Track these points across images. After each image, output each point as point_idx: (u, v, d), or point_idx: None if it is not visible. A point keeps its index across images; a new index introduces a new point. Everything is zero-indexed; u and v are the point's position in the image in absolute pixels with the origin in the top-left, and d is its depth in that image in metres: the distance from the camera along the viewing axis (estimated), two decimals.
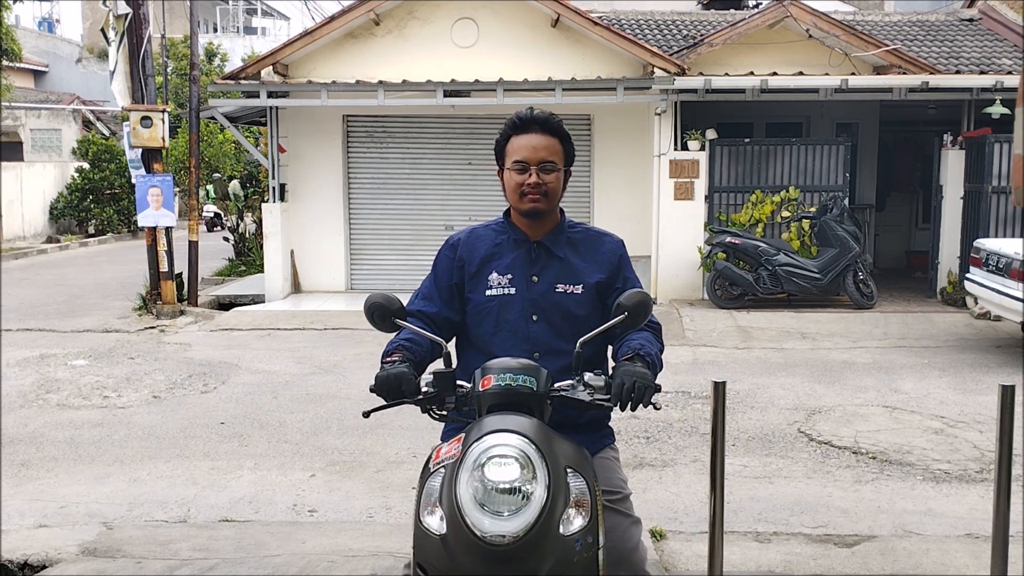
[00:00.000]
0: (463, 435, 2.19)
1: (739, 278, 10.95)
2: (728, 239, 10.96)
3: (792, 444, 6.00)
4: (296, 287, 12.73)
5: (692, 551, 4.15)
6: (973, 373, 7.90)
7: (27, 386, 7.71)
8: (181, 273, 11.53)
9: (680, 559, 4.09)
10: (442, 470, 2.17)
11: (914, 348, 8.96)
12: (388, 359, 2.46)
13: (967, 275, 9.39)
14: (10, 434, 6.29)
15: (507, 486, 2.02)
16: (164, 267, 10.98)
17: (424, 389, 2.35)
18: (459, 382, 2.36)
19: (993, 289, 8.51)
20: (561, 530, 2.06)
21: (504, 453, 2.04)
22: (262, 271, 13.08)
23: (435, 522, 2.12)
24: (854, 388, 7.44)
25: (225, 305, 12.14)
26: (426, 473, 2.25)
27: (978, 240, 9.54)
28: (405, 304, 2.50)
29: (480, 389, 2.25)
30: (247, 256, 15.51)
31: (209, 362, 8.60)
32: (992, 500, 3.27)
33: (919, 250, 14.05)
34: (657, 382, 2.34)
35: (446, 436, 2.53)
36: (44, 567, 4.08)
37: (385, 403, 2.39)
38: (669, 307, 11.09)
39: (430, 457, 2.28)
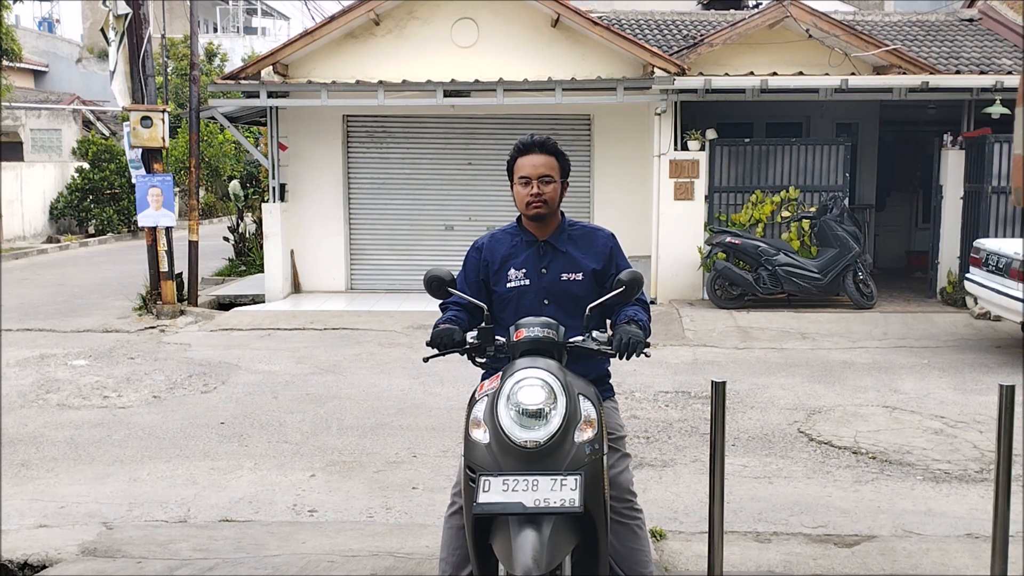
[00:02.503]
0: (501, 372, 2.85)
1: (739, 278, 10.95)
2: (728, 239, 10.96)
3: (792, 444, 6.00)
4: (296, 287, 12.73)
5: (692, 551, 4.15)
6: (973, 373, 7.90)
7: (27, 386, 7.71)
8: (181, 273, 11.53)
9: (680, 559, 4.09)
10: (485, 398, 2.82)
11: (914, 348, 8.96)
12: (441, 326, 3.10)
13: (967, 275, 9.39)
14: (10, 434, 6.29)
15: (535, 408, 2.68)
16: (164, 267, 10.98)
17: (470, 341, 3.03)
18: (496, 337, 3.02)
19: (993, 289, 8.51)
20: (575, 439, 2.72)
21: (533, 383, 2.71)
22: (262, 271, 13.08)
23: (480, 435, 2.76)
24: (854, 388, 7.44)
25: (225, 305, 12.13)
26: (472, 401, 2.91)
27: (978, 240, 9.54)
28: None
29: (514, 340, 2.91)
30: (247, 256, 15.51)
31: (209, 362, 8.60)
32: (992, 500, 3.27)
33: (919, 250, 14.05)
34: (647, 341, 3.04)
35: (484, 378, 3.12)
36: (44, 567, 4.08)
37: (439, 352, 3.05)
38: (669, 307, 11.09)
39: (475, 391, 2.97)
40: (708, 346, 9.16)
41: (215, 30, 39.70)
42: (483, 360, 3.09)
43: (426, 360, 3.15)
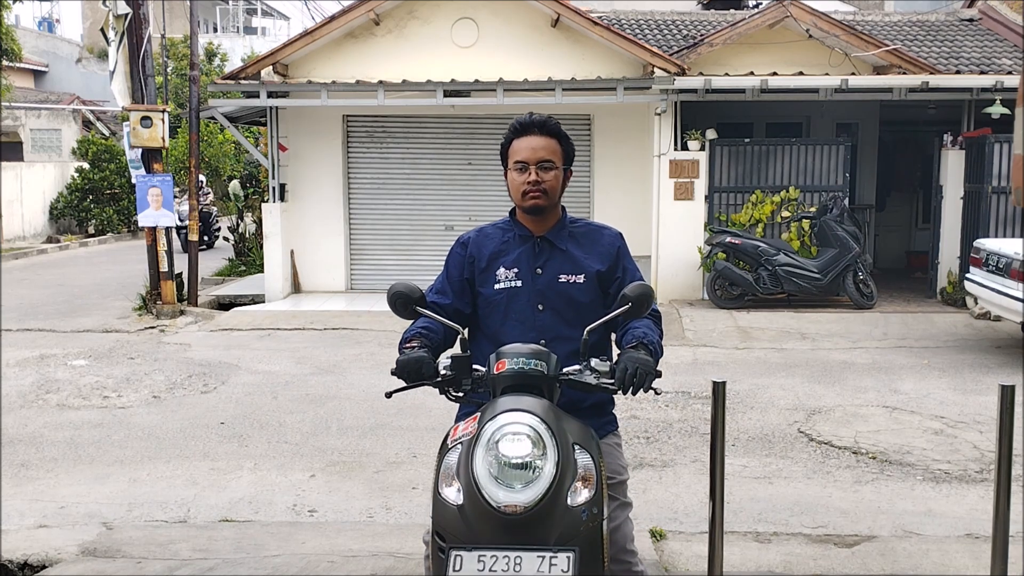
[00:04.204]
0: (479, 414, 2.35)
1: (739, 278, 10.95)
2: (728, 239, 10.96)
3: (792, 444, 6.00)
4: (296, 287, 12.73)
5: (692, 551, 4.15)
6: (973, 373, 7.89)
7: (27, 386, 7.71)
8: (181, 273, 11.53)
9: (680, 559, 4.09)
10: (459, 446, 2.33)
11: (914, 348, 8.96)
12: (407, 345, 2.63)
13: (967, 275, 9.39)
14: (10, 434, 6.29)
15: (519, 461, 2.19)
16: (164, 267, 10.98)
17: (442, 372, 2.53)
18: (474, 366, 2.54)
19: (993, 289, 8.51)
20: (569, 501, 2.23)
21: (517, 431, 2.22)
22: (262, 271, 13.08)
23: (452, 493, 2.27)
24: (854, 388, 7.44)
25: (225, 305, 12.13)
26: (444, 449, 2.39)
27: (978, 240, 9.54)
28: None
29: (495, 372, 2.42)
30: (247, 256, 15.51)
31: (209, 362, 8.60)
32: (992, 500, 3.27)
33: (919, 250, 14.05)
34: (658, 368, 2.51)
35: (460, 417, 2.71)
36: (44, 567, 4.08)
37: (406, 385, 2.55)
38: (669, 307, 11.09)
39: (447, 435, 2.44)
40: (708, 346, 9.16)
41: (215, 30, 39.69)
42: (459, 394, 2.58)
43: (389, 395, 2.64)
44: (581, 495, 2.26)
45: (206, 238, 19.14)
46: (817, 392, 7.33)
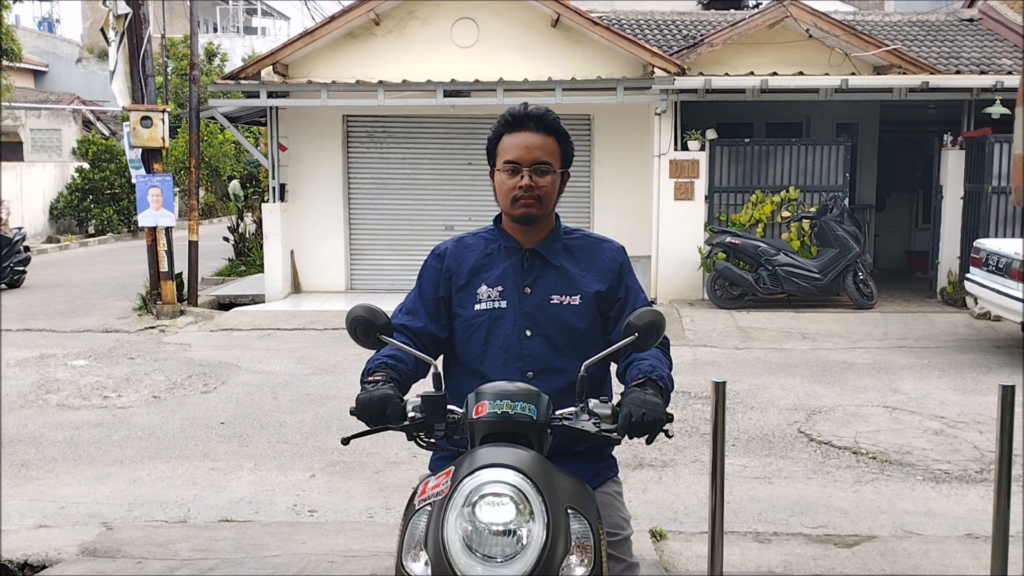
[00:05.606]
0: (452, 469, 1.96)
1: (739, 278, 10.95)
2: (728, 239, 10.96)
3: (792, 444, 6.00)
4: (296, 287, 12.73)
5: (692, 551, 4.15)
6: (973, 373, 7.89)
7: (27, 386, 7.71)
8: (181, 273, 11.53)
9: (680, 559, 4.09)
10: (428, 508, 1.93)
11: (914, 348, 8.96)
12: (370, 378, 2.24)
13: (967, 275, 9.39)
14: (10, 434, 6.29)
15: (501, 528, 1.81)
16: (164, 267, 10.98)
17: (411, 414, 2.11)
18: (450, 407, 2.13)
19: (993, 289, 8.51)
20: None
21: (498, 491, 1.83)
22: (262, 271, 13.09)
23: (419, 568, 1.87)
24: (854, 388, 7.44)
25: (225, 305, 12.14)
26: (410, 510, 1.99)
27: (978, 240, 9.54)
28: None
29: (473, 416, 2.03)
30: (247, 256, 15.51)
31: (209, 362, 8.60)
32: (992, 500, 3.27)
33: (919, 250, 14.05)
34: (669, 410, 2.13)
35: (435, 466, 2.37)
36: (44, 567, 4.08)
37: (368, 428, 2.15)
38: (669, 307, 11.09)
39: (416, 491, 2.03)
40: (708, 346, 9.16)
41: (215, 30, 39.69)
42: (431, 440, 2.17)
43: (346, 442, 2.20)
44: (576, 572, 1.87)
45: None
46: (817, 392, 7.33)
